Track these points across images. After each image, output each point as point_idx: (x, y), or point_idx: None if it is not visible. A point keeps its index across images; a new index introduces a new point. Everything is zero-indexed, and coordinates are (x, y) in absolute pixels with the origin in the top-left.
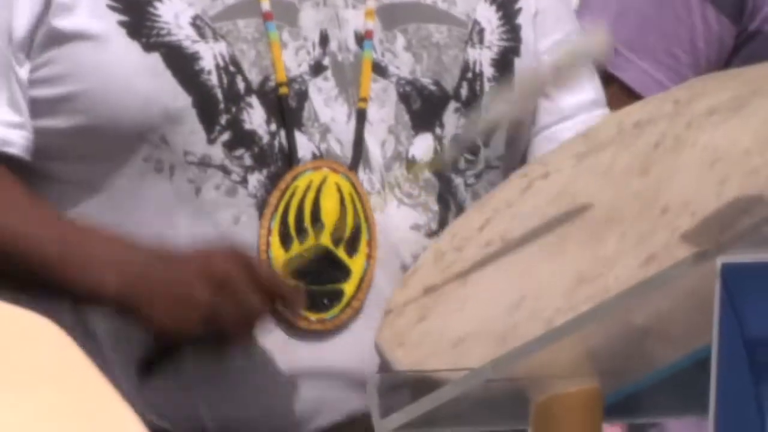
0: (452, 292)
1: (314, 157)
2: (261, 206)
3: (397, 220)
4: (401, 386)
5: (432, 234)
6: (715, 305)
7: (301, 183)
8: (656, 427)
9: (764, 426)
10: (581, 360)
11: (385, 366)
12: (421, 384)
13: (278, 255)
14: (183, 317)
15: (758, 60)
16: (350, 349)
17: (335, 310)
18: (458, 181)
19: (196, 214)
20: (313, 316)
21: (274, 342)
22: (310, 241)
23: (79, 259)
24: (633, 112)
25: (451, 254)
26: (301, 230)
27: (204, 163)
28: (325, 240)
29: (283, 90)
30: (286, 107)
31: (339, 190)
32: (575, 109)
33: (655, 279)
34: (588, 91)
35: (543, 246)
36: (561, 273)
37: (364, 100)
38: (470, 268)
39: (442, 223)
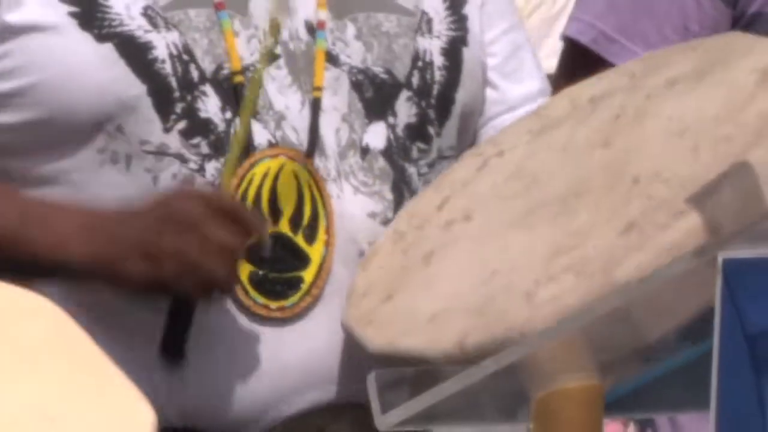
0: (417, 271)
1: (270, 144)
2: None
3: (354, 207)
4: (401, 382)
5: (388, 222)
6: (716, 301)
7: (258, 170)
8: (669, 421)
9: (765, 419)
10: (581, 355)
11: (353, 345)
12: (421, 379)
13: None
14: (157, 268)
15: None
16: (310, 336)
17: (295, 298)
18: (411, 170)
19: None
20: (273, 304)
21: (234, 330)
22: (268, 227)
23: (41, 234)
24: (586, 87)
25: (412, 234)
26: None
27: (161, 152)
28: (284, 227)
29: (238, 78)
30: (241, 95)
31: (296, 177)
32: (521, 99)
33: (658, 274)
34: (534, 81)
35: (508, 223)
36: (532, 247)
37: (318, 89)
38: (434, 248)
39: (398, 212)
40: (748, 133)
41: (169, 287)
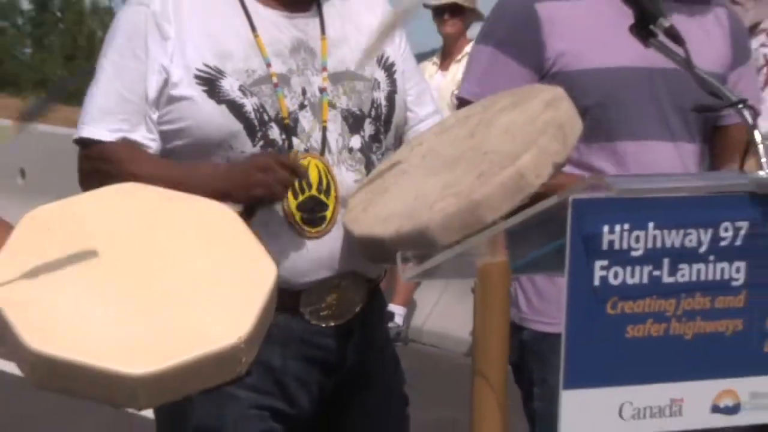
0: (379, 196)
1: (305, 150)
2: None
3: (347, 178)
4: (412, 256)
5: None
6: (567, 228)
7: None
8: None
9: (603, 312)
10: (500, 243)
11: (348, 235)
12: (423, 254)
13: (291, 201)
14: (254, 188)
15: None
16: (329, 241)
17: (322, 227)
18: (374, 158)
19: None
20: (312, 231)
21: (291, 242)
22: (307, 192)
23: (203, 182)
24: (464, 110)
25: (378, 179)
26: (301, 188)
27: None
28: (314, 192)
29: (286, 121)
30: (290, 129)
31: (317, 166)
32: (426, 116)
33: (533, 209)
34: (431, 105)
35: (425, 173)
36: (435, 184)
37: (324, 122)
38: (388, 185)
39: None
40: (538, 129)
41: (259, 194)
